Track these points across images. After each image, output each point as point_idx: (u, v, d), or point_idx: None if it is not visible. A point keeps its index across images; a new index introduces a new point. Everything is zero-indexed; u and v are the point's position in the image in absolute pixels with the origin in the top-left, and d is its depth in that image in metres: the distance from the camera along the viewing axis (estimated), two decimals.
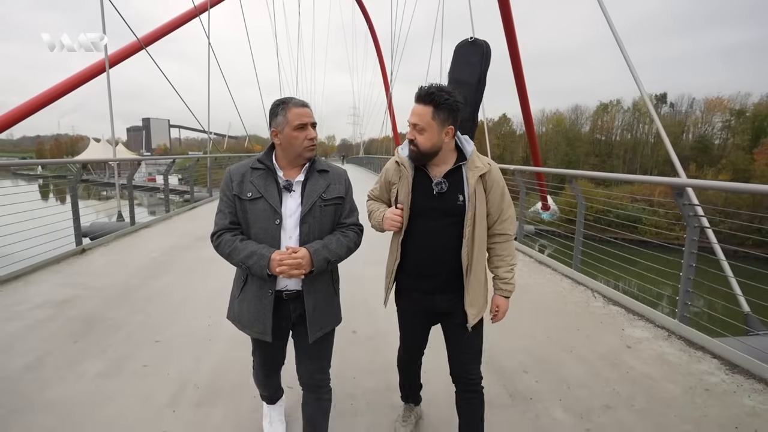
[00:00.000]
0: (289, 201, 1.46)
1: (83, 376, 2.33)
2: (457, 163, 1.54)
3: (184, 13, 13.35)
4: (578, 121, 55.71)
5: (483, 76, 3.31)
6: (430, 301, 1.61)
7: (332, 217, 1.52)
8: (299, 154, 1.46)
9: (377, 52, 35.94)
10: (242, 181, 1.47)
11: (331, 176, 1.53)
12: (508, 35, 12.76)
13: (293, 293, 1.49)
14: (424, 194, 1.54)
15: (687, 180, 3.45)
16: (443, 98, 1.43)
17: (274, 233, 1.43)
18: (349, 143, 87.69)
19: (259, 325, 1.48)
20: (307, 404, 1.63)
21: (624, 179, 6.73)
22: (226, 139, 49.93)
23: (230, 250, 1.42)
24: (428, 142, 1.47)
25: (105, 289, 3.72)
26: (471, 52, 3.31)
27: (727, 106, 45.60)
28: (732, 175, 37.63)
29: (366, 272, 3.56)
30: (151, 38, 12.15)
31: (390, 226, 1.56)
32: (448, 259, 1.55)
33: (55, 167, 44.60)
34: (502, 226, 1.59)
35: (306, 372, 1.60)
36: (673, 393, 2.29)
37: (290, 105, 1.44)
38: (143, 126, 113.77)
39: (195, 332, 2.89)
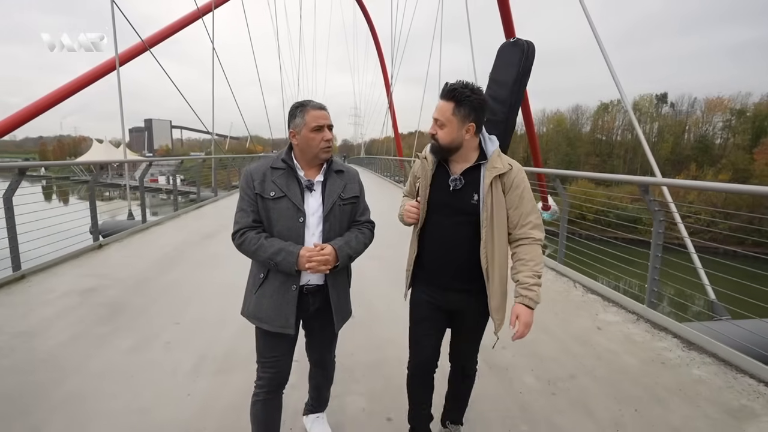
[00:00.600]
0: (310, 200, 1.52)
1: (115, 352, 2.66)
2: (478, 161, 1.54)
3: (188, 14, 13.69)
4: (579, 121, 55.77)
5: (521, 76, 3.25)
6: (442, 297, 1.62)
7: (349, 215, 1.61)
8: (316, 154, 1.52)
9: (378, 52, 36.26)
10: (263, 180, 1.51)
11: (346, 176, 1.62)
12: (507, 36, 12.72)
13: (313, 287, 1.56)
14: (441, 190, 1.56)
15: (650, 179, 3.74)
16: (465, 95, 1.44)
17: (299, 231, 1.49)
18: (351, 143, 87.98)
19: (281, 319, 1.51)
20: (314, 377, 1.88)
21: (595, 178, 7.01)
22: (228, 140, 50.40)
23: (256, 247, 1.46)
24: (448, 137, 1.49)
25: (124, 280, 4.05)
26: (511, 53, 3.29)
27: (727, 106, 45.48)
28: (732, 175, 37.65)
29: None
30: (155, 39, 12.44)
31: (407, 217, 1.60)
32: (459, 258, 1.56)
33: (58, 168, 45.12)
34: (523, 230, 1.52)
35: (317, 353, 1.79)
36: (632, 364, 2.61)
37: (308, 107, 1.50)
38: (145, 127, 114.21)
39: (209, 317, 3.22)
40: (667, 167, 44.54)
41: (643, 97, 51.72)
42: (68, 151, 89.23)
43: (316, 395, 1.91)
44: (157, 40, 12.60)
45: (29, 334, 2.87)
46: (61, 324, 3.05)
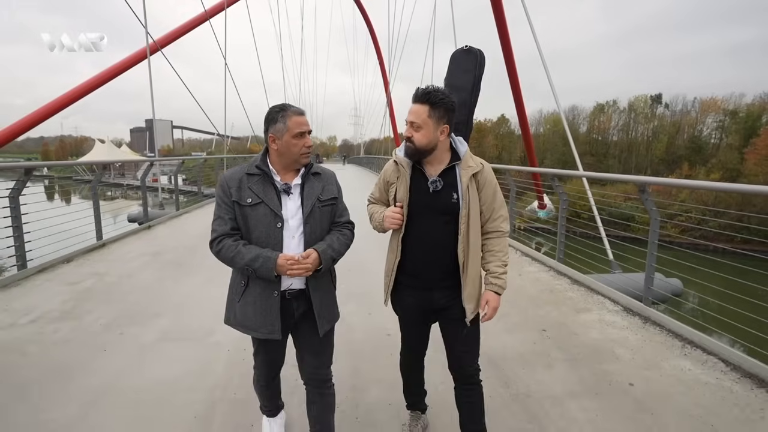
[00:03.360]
0: (289, 203, 1.52)
1: (193, 285, 4.00)
2: (451, 162, 1.60)
3: (195, 17, 14.26)
4: (575, 122, 56.65)
5: (477, 82, 3.44)
6: (429, 297, 1.64)
7: (329, 217, 1.61)
8: (295, 160, 1.52)
9: (377, 53, 37.42)
10: (240, 187, 1.50)
11: (323, 178, 1.62)
12: (502, 38, 13.54)
13: (295, 292, 1.55)
14: (421, 192, 1.59)
15: (546, 170, 5.00)
16: (438, 97, 1.50)
17: (277, 236, 1.49)
18: (350, 144, 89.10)
19: (267, 326, 1.51)
20: (312, 402, 1.67)
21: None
22: (229, 140, 51.75)
23: (234, 254, 1.46)
24: (424, 138, 1.53)
25: (177, 248, 5.41)
26: (466, 60, 3.40)
27: (720, 107, 46.12)
28: (722, 174, 38.39)
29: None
30: (165, 41, 12.81)
31: (391, 224, 1.60)
32: (444, 256, 1.59)
33: (60, 168, 46.44)
34: (495, 224, 1.63)
35: (310, 367, 1.66)
36: (529, 291, 3.96)
37: (289, 113, 1.49)
38: (147, 127, 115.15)
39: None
40: (661, 167, 45.67)
41: (638, 97, 52.59)
42: (70, 151, 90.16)
43: (319, 428, 1.66)
44: (167, 42, 12.90)
45: (129, 275, 4.23)
46: (148, 270, 4.41)
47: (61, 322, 3.08)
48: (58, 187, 30.74)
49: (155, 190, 10.58)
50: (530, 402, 2.20)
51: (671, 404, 2.18)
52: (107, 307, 3.36)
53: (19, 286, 3.80)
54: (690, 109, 48.82)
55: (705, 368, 2.55)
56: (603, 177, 6.28)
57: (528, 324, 3.19)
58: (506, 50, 13.77)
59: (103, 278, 4.11)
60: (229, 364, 2.51)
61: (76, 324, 3.05)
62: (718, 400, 2.22)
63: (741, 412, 2.12)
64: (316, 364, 1.65)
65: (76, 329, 2.97)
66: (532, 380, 2.39)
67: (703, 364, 2.60)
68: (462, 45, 3.47)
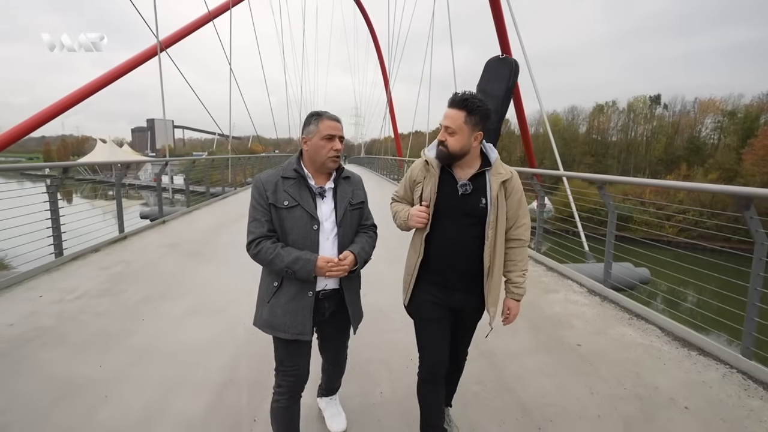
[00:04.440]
0: (323, 206, 1.57)
1: (209, 271, 4.51)
2: (482, 168, 1.61)
3: (198, 18, 14.64)
4: (575, 122, 56.77)
5: (510, 91, 3.60)
6: (450, 296, 1.66)
7: (358, 219, 1.68)
8: (323, 163, 1.56)
9: (377, 53, 37.82)
10: (275, 190, 1.54)
11: (353, 183, 1.68)
12: (501, 39, 13.76)
13: (329, 292, 1.61)
14: (449, 194, 1.60)
15: (530, 170, 5.52)
16: (476, 104, 1.52)
17: (313, 238, 1.53)
18: (351, 144, 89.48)
19: (298, 326, 1.54)
20: (326, 370, 1.99)
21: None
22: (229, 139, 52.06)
23: (273, 256, 1.49)
24: (458, 144, 1.55)
25: (191, 240, 5.94)
26: (500, 68, 3.58)
27: (719, 107, 45.99)
28: (719, 174, 38.63)
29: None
30: (169, 42, 13.03)
31: (416, 222, 1.61)
32: (466, 259, 1.61)
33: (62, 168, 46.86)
34: (518, 231, 1.65)
35: (332, 353, 1.90)
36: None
37: (324, 117, 1.55)
38: (148, 127, 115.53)
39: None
40: (659, 167, 45.96)
41: (637, 98, 52.73)
42: (72, 151, 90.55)
43: (330, 384, 2.02)
44: (170, 43, 13.11)
45: (152, 263, 4.76)
46: (168, 258, 4.94)
47: (102, 298, 3.60)
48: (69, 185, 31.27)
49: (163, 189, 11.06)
50: (494, 357, 2.71)
51: (607, 358, 2.69)
52: (139, 288, 3.88)
53: (59, 271, 4.32)
54: (689, 110, 48.90)
55: (643, 334, 3.06)
56: (570, 175, 6.81)
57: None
58: (505, 51, 13.71)
59: (130, 265, 4.63)
60: (248, 332, 3.00)
61: (115, 300, 3.57)
62: (645, 356, 2.74)
63: (662, 364, 2.63)
64: (338, 352, 1.90)
65: (115, 304, 3.49)
66: (497, 343, 2.88)
67: (643, 331, 3.11)
68: (500, 54, 3.76)
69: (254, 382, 2.38)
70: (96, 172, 40.17)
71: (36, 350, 2.69)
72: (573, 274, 4.39)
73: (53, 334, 2.91)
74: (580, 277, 4.26)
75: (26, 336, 2.87)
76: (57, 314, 3.24)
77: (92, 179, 35.45)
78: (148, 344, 2.80)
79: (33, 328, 2.99)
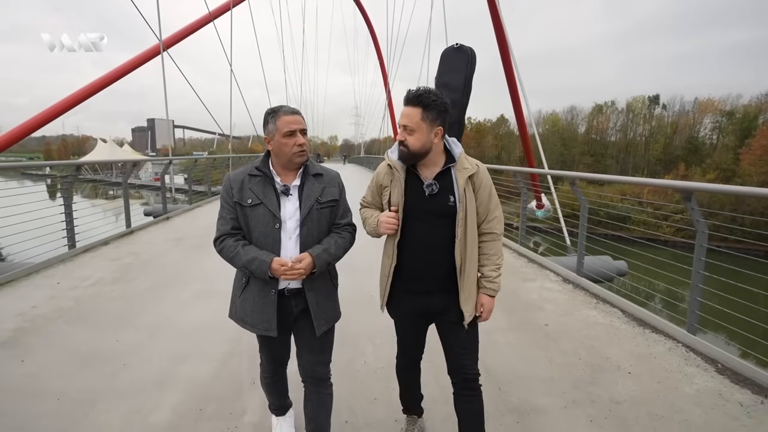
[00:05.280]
0: (287, 204, 1.54)
1: (212, 261, 4.81)
2: (446, 164, 1.57)
3: (199, 18, 14.81)
4: (574, 122, 56.87)
5: (469, 80, 3.38)
6: (426, 301, 1.63)
7: (328, 219, 1.61)
8: (290, 159, 1.53)
9: (377, 53, 38.14)
10: (241, 188, 1.54)
11: (325, 180, 1.62)
12: (499, 39, 14.02)
13: (295, 290, 1.59)
14: (416, 196, 1.57)
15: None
16: (431, 99, 1.48)
17: (275, 236, 1.52)
18: (351, 143, 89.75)
19: (264, 323, 1.55)
20: (309, 400, 1.69)
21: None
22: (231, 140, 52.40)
23: (233, 255, 1.51)
24: (418, 142, 1.51)
25: (194, 235, 6.26)
26: (457, 58, 3.39)
27: (717, 107, 46.02)
28: (717, 174, 38.79)
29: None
30: (170, 42, 13.16)
31: (386, 229, 1.57)
32: (441, 259, 1.58)
33: (62, 168, 47.30)
34: (490, 225, 1.61)
35: (308, 364, 1.68)
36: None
37: (280, 113, 1.51)
38: (148, 126, 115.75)
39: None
40: (658, 167, 46.20)
41: (636, 98, 52.84)
42: (72, 151, 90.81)
43: (314, 427, 1.70)
44: (171, 43, 13.24)
45: (159, 254, 5.08)
46: (174, 251, 5.26)
47: (115, 285, 3.93)
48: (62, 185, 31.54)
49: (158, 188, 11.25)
50: None
51: (569, 335, 3.01)
52: (148, 276, 4.21)
53: (72, 262, 4.65)
54: (688, 110, 48.98)
55: (606, 315, 3.38)
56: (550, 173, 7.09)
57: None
58: (503, 51, 14.18)
59: (139, 256, 4.96)
60: None
61: (127, 286, 3.90)
62: (603, 333, 3.06)
63: (617, 339, 2.95)
64: (313, 360, 1.68)
65: (128, 290, 3.81)
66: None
67: (606, 313, 3.43)
68: (455, 43, 3.41)
69: (254, 352, 2.62)
70: (96, 171, 40.52)
71: (59, 327, 3.01)
72: (551, 264, 4.71)
73: (73, 315, 3.23)
74: (558, 267, 4.58)
75: (49, 316, 3.19)
76: (74, 298, 3.56)
77: (97, 179, 35.89)
78: (158, 323, 3.13)
79: (54, 309, 3.32)
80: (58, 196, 4.94)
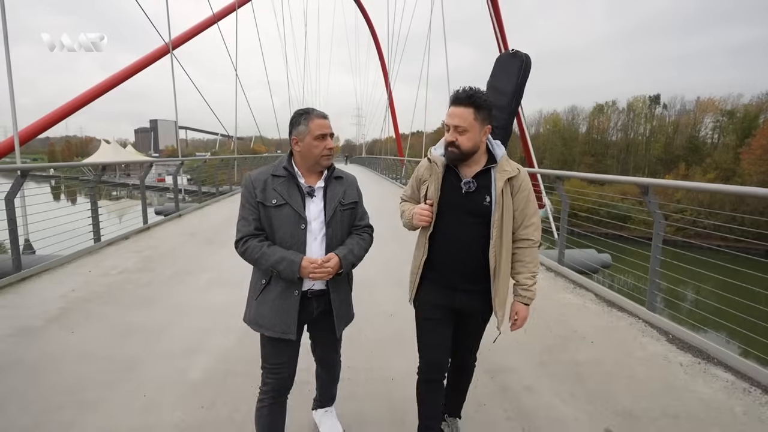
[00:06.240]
0: (311, 206, 1.56)
1: (225, 254, 5.25)
2: (487, 165, 1.58)
3: (204, 20, 15.13)
4: (575, 122, 56.95)
5: (521, 87, 3.44)
6: (451, 297, 1.64)
7: (349, 220, 1.66)
8: (317, 161, 1.56)
9: (378, 53, 38.41)
10: (265, 188, 1.54)
11: (345, 182, 1.67)
12: (501, 39, 14.62)
13: (318, 292, 1.61)
14: (453, 192, 1.58)
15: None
16: (483, 99, 1.51)
17: (301, 237, 1.53)
18: (353, 144, 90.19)
19: (283, 325, 1.55)
20: (319, 376, 1.94)
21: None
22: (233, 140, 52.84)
23: (258, 255, 1.50)
24: (470, 142, 1.52)
25: (206, 230, 6.70)
26: (510, 63, 3.44)
27: (718, 107, 46.08)
28: (717, 174, 38.88)
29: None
30: (175, 43, 13.15)
31: (419, 220, 1.59)
32: (470, 258, 1.58)
33: (67, 169, 47.96)
34: (527, 231, 1.60)
35: (323, 353, 1.85)
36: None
37: (312, 116, 1.54)
38: (151, 127, 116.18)
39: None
40: (659, 167, 46.36)
41: (637, 98, 52.89)
42: (76, 152, 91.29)
43: (323, 392, 1.95)
44: (177, 44, 13.28)
45: (176, 248, 5.52)
46: (188, 245, 5.70)
47: (140, 273, 4.36)
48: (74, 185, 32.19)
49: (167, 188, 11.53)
50: None
51: (545, 313, 3.41)
52: (167, 266, 4.64)
53: (98, 254, 5.08)
54: (689, 110, 48.96)
55: (580, 298, 3.79)
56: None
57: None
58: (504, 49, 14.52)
59: (157, 249, 5.39)
60: None
61: (151, 275, 4.33)
62: (575, 311, 3.48)
63: (586, 317, 3.37)
64: (329, 350, 1.84)
65: (152, 278, 4.24)
66: None
67: (580, 296, 3.84)
68: (510, 49, 3.49)
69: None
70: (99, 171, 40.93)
71: (98, 306, 3.45)
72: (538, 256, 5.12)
73: (108, 297, 3.67)
74: (543, 258, 4.99)
75: (87, 298, 3.63)
76: (106, 284, 4.00)
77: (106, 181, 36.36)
78: (182, 304, 3.55)
79: (90, 292, 3.75)
80: (61, 196, 5.35)
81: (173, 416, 2.09)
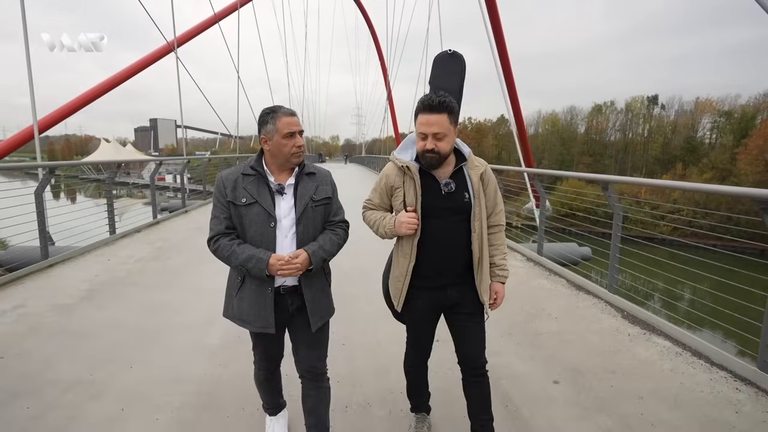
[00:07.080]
0: (282, 203, 1.57)
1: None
2: (458, 163, 1.65)
3: (205, 20, 15.42)
4: (573, 122, 57.19)
5: (462, 84, 3.50)
6: (441, 295, 1.69)
7: (322, 216, 1.66)
8: (287, 159, 1.56)
9: (378, 53, 38.79)
10: (235, 187, 1.55)
11: (318, 178, 1.66)
12: (497, 41, 14.56)
13: (290, 288, 1.61)
14: (433, 195, 1.62)
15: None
16: (452, 102, 1.56)
17: (270, 235, 1.54)
18: (353, 143, 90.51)
19: (261, 320, 1.58)
20: (308, 396, 1.74)
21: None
22: (234, 139, 53.21)
23: (228, 254, 1.52)
24: (448, 145, 1.58)
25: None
26: (452, 63, 3.51)
27: (716, 107, 46.35)
28: (713, 174, 39.16)
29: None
30: (179, 42, 13.21)
31: (408, 229, 1.60)
32: (458, 254, 1.66)
33: (66, 168, 48.23)
34: (497, 217, 1.73)
35: (305, 360, 1.72)
36: None
37: (279, 114, 1.53)
38: (151, 126, 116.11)
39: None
40: (656, 167, 46.68)
41: (635, 98, 53.14)
42: (76, 151, 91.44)
43: (314, 422, 1.73)
44: (178, 44, 13.22)
45: (184, 240, 5.95)
46: (196, 237, 6.13)
47: (154, 261, 4.79)
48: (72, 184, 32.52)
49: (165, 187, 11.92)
50: None
51: (521, 295, 3.84)
52: (179, 256, 5.06)
53: (114, 245, 5.51)
54: (687, 110, 49.19)
55: (554, 284, 4.22)
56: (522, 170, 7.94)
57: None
58: (501, 52, 14.77)
59: (168, 241, 5.82)
60: None
61: (164, 263, 4.75)
62: (547, 294, 3.90)
63: (555, 298, 3.79)
64: (310, 356, 1.71)
65: (165, 265, 4.67)
66: None
67: (554, 282, 4.27)
68: (448, 49, 3.36)
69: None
70: (99, 171, 41.41)
71: (121, 288, 3.88)
72: (519, 248, 5.55)
73: (128, 281, 4.10)
74: (524, 250, 5.42)
75: (110, 281, 4.06)
76: (126, 270, 4.43)
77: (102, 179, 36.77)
78: (196, 287, 3.98)
79: (112, 277, 4.18)
80: (61, 193, 5.77)
81: (198, 371, 2.52)
